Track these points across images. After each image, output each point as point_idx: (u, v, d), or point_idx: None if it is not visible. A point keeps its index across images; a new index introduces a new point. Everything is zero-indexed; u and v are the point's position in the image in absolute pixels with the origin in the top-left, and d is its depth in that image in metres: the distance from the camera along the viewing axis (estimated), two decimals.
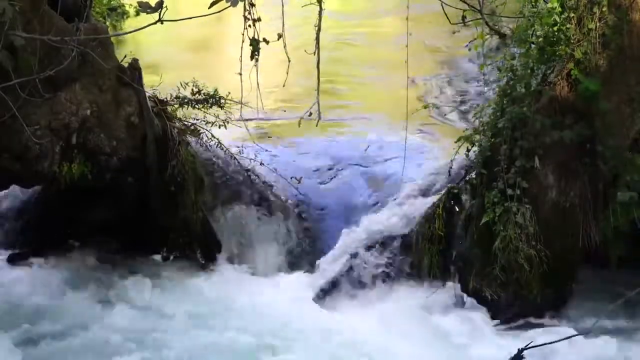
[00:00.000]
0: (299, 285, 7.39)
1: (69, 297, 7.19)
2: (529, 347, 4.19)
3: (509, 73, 7.03)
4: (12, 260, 7.82)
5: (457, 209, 7.34)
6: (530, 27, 6.96)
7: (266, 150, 8.43)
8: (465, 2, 7.68)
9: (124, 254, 7.83)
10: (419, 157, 8.33)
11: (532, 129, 6.75)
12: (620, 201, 6.58)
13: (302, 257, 7.70)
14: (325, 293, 7.31)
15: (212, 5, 3.85)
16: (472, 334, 6.71)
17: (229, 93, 7.84)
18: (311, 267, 7.61)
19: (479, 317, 6.88)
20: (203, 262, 7.78)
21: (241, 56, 5.78)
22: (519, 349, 4.19)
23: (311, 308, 7.14)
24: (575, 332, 6.26)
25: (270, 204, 7.94)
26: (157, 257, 7.80)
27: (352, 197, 8.12)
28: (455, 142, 7.47)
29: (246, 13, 5.79)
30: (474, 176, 7.26)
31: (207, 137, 7.98)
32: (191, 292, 7.33)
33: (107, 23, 13.69)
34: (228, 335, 6.63)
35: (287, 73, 6.14)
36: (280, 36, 5.87)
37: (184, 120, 7.93)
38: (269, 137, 8.96)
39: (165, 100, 7.78)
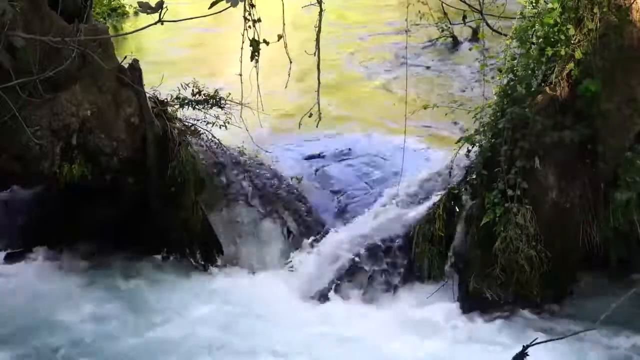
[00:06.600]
0: (299, 286, 7.39)
1: (68, 297, 7.19)
2: (534, 344, 4.17)
3: (510, 74, 7.03)
4: (10, 259, 7.82)
5: (458, 210, 7.33)
6: (531, 28, 6.95)
7: (266, 151, 8.43)
8: (465, 2, 7.68)
9: (123, 254, 7.83)
10: (419, 158, 8.33)
11: (533, 129, 6.74)
12: (618, 201, 6.58)
13: (302, 258, 7.69)
14: (326, 293, 7.31)
15: (212, 5, 3.85)
16: (472, 334, 6.71)
17: (230, 94, 7.85)
18: (312, 268, 7.61)
19: (479, 317, 6.88)
20: (203, 262, 7.78)
21: (241, 57, 5.77)
22: (523, 346, 4.18)
23: (312, 308, 7.15)
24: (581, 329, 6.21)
25: (270, 205, 7.94)
26: (157, 257, 7.80)
27: (352, 197, 8.12)
28: (456, 143, 7.48)
29: (246, 14, 5.78)
30: (474, 177, 7.26)
31: (208, 138, 7.99)
32: (191, 292, 7.33)
33: (108, 23, 13.71)
34: (228, 335, 6.64)
35: (289, 74, 6.13)
36: (280, 37, 5.86)
37: (185, 121, 7.93)
38: (269, 137, 8.96)
39: (165, 101, 7.78)
